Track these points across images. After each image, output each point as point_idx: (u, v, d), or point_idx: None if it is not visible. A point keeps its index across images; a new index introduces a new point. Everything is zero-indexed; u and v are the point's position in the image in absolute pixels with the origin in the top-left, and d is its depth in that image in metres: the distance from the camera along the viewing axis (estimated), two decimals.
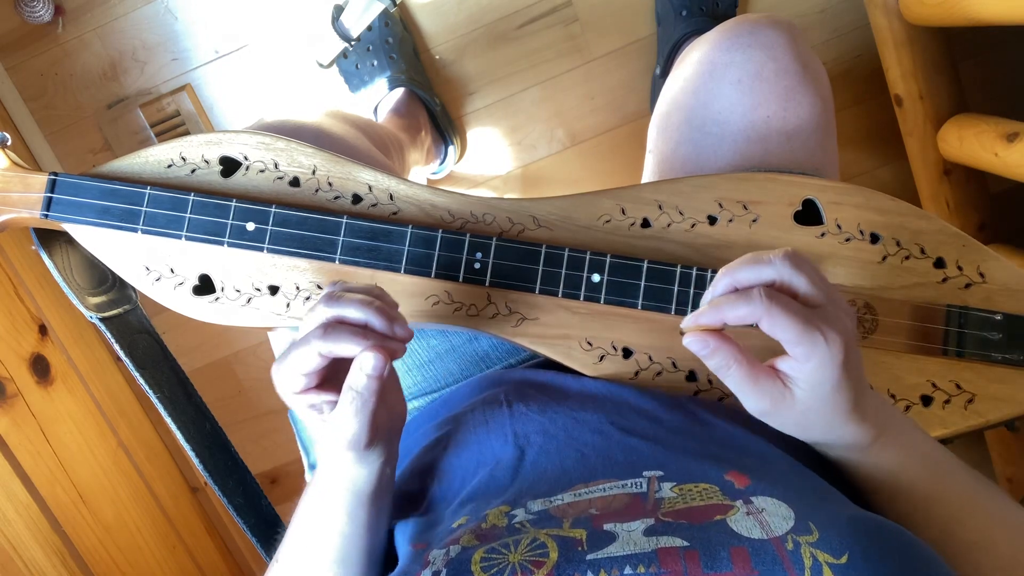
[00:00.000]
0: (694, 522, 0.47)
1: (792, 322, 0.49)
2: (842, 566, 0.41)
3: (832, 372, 0.50)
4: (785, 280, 0.51)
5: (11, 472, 1.10)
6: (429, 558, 0.49)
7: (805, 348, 0.49)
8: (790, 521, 0.45)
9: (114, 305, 0.77)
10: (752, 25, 0.76)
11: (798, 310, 0.49)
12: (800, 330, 0.49)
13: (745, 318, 0.50)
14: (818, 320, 0.49)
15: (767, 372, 0.52)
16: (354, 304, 0.55)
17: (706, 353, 0.52)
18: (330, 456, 0.59)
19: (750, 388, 0.52)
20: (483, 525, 0.52)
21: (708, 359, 0.52)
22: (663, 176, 0.83)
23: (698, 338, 0.52)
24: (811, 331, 0.49)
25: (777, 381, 0.52)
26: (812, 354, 0.49)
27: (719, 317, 0.51)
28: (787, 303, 0.49)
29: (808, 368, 0.50)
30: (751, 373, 0.52)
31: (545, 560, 0.46)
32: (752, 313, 0.49)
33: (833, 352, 0.49)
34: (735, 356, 0.51)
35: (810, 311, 0.50)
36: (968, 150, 1.13)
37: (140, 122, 1.42)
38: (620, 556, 0.45)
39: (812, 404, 0.52)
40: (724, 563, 0.43)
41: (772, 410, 0.53)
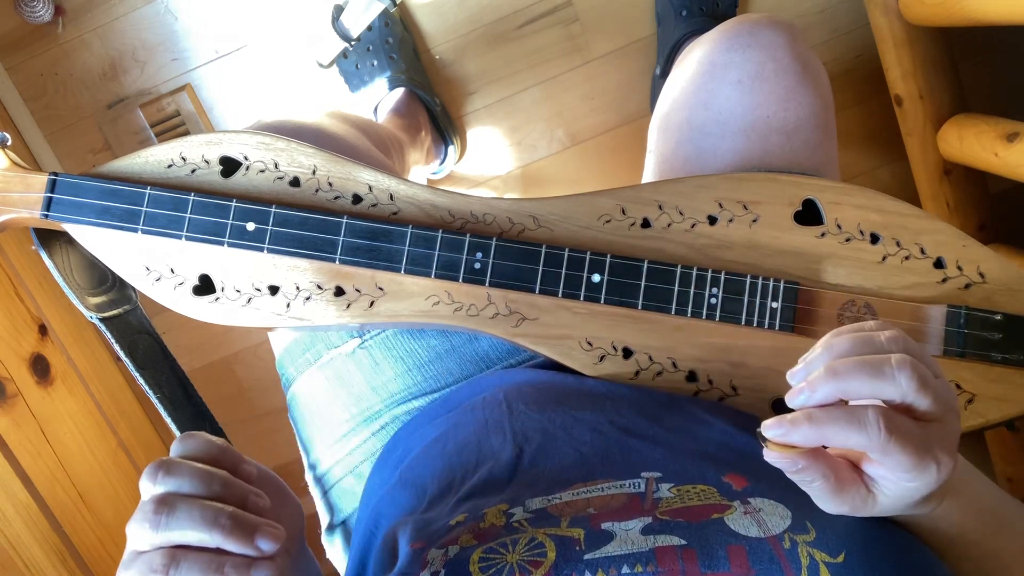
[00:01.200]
0: (691, 521, 0.47)
1: (910, 451, 0.41)
2: (839, 565, 0.41)
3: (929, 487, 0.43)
4: (908, 401, 0.42)
5: (11, 472, 1.10)
6: (428, 558, 0.49)
7: (914, 475, 0.42)
8: (787, 520, 0.45)
9: (114, 305, 0.77)
10: (752, 25, 0.76)
11: (916, 438, 0.42)
12: (915, 459, 0.41)
13: (853, 445, 0.42)
14: (934, 444, 0.42)
15: (852, 480, 0.45)
16: (193, 519, 0.43)
17: (792, 471, 0.44)
18: None
19: (832, 497, 0.44)
20: (481, 524, 0.52)
21: (790, 474, 0.44)
22: (663, 176, 0.83)
23: (785, 458, 0.43)
24: (926, 460, 0.42)
25: (862, 487, 0.45)
26: (919, 478, 0.42)
27: (818, 437, 0.42)
28: (907, 433, 0.41)
29: (909, 487, 0.43)
30: (836, 483, 0.44)
31: (543, 560, 0.46)
32: (867, 444, 0.41)
33: (941, 477, 0.43)
34: (824, 472, 0.43)
35: (927, 434, 0.42)
36: (968, 150, 1.13)
37: (140, 122, 1.42)
38: (618, 555, 0.45)
39: (893, 506, 0.45)
40: (721, 562, 0.43)
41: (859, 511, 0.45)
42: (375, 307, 0.71)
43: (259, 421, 1.58)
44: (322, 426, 0.82)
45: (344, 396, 0.80)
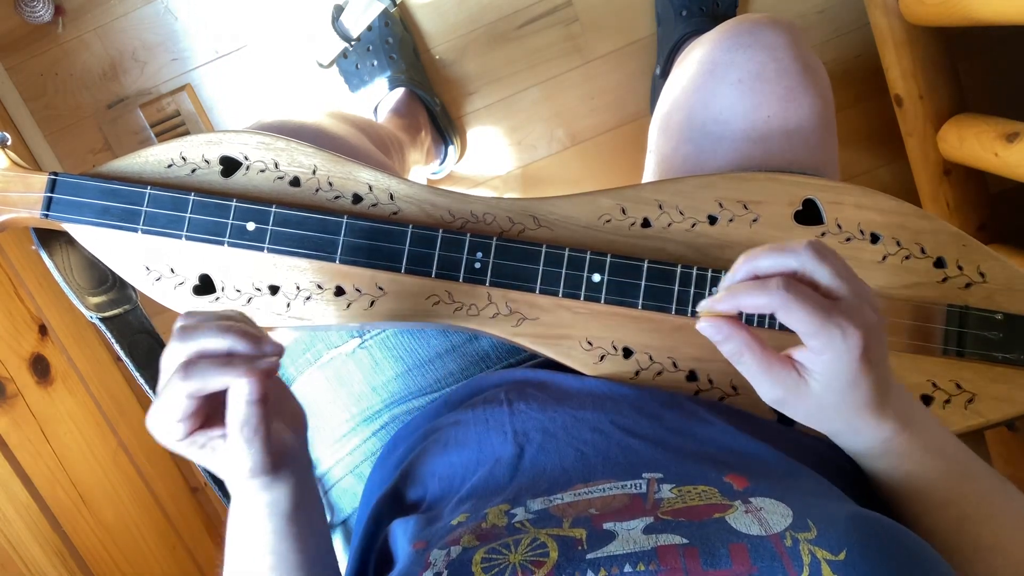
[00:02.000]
0: (693, 520, 0.47)
1: (809, 314, 0.48)
2: (840, 563, 0.41)
3: (849, 366, 0.50)
4: (808, 271, 0.50)
5: (11, 472, 1.10)
6: (430, 559, 0.49)
7: (821, 341, 0.49)
8: (788, 519, 0.45)
9: (114, 305, 0.77)
10: (753, 25, 0.76)
11: (817, 302, 0.49)
12: (817, 323, 0.48)
13: (762, 307, 0.49)
14: (837, 313, 0.49)
15: (782, 361, 0.52)
16: (210, 332, 0.51)
17: (720, 339, 0.51)
18: (238, 489, 0.56)
19: (764, 376, 0.52)
20: (483, 524, 0.52)
21: (721, 345, 0.52)
22: (664, 176, 0.83)
23: (712, 323, 0.52)
24: (828, 324, 0.48)
25: (792, 371, 0.52)
26: (828, 347, 0.49)
27: (735, 303, 0.50)
28: (806, 294, 0.49)
29: (823, 360, 0.50)
30: (765, 361, 0.51)
31: (545, 560, 0.46)
32: (769, 303, 0.49)
33: (850, 346, 0.49)
34: (748, 343, 0.51)
35: (830, 303, 0.49)
36: (968, 150, 1.13)
37: (140, 122, 1.42)
38: (620, 554, 0.45)
39: (827, 397, 0.51)
40: (723, 560, 0.43)
41: (786, 399, 0.52)
42: (375, 307, 0.71)
43: None
44: (322, 426, 0.82)
45: (344, 396, 0.80)
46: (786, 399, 0.53)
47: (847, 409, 0.52)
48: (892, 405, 0.54)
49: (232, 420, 0.51)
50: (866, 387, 0.51)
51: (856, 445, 0.56)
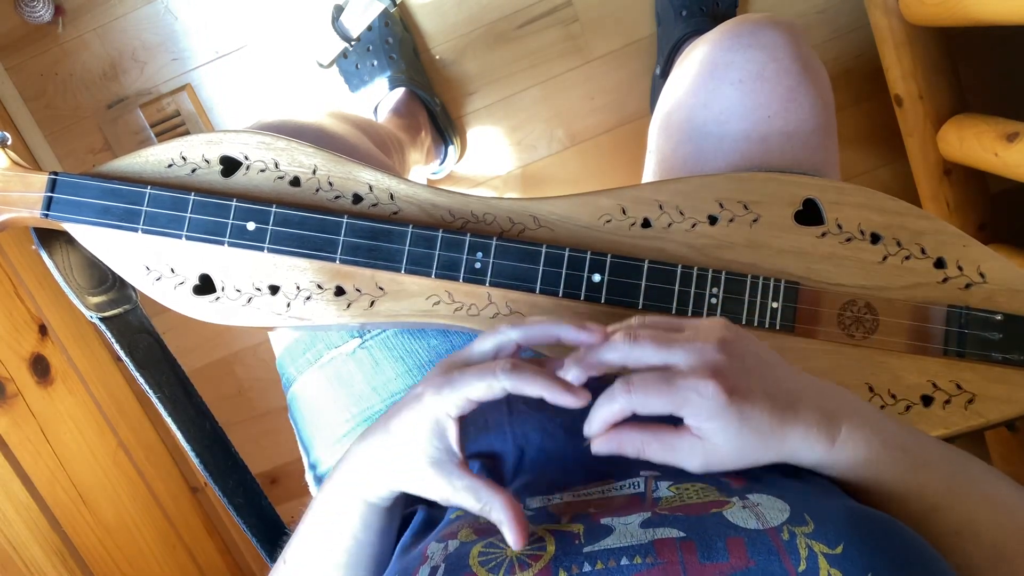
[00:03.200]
0: (691, 514, 0.47)
1: (660, 396, 0.49)
2: (838, 556, 0.42)
3: (725, 412, 0.49)
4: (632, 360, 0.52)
5: (11, 472, 1.10)
6: (427, 552, 0.49)
7: (687, 410, 0.49)
8: (786, 513, 0.45)
9: (114, 305, 0.77)
10: (753, 25, 0.76)
11: (658, 380, 0.49)
12: (671, 398, 0.49)
13: (618, 413, 0.50)
14: (680, 378, 0.49)
15: (679, 434, 0.51)
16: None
17: (615, 448, 0.52)
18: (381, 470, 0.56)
19: (673, 456, 0.51)
20: (481, 519, 0.52)
21: (625, 452, 0.52)
22: (664, 176, 0.83)
23: (604, 440, 0.52)
24: (679, 393, 0.49)
25: (690, 436, 0.51)
26: (697, 411, 0.49)
27: (601, 423, 0.51)
28: (645, 382, 0.50)
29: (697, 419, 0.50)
30: (667, 442, 0.51)
31: (542, 553, 0.46)
32: (623, 408, 0.50)
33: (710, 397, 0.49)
34: (642, 437, 0.51)
35: (670, 373, 0.50)
36: (968, 150, 1.13)
37: (140, 122, 1.42)
38: (617, 548, 0.45)
39: (735, 442, 0.50)
40: (720, 553, 0.43)
41: (707, 461, 0.51)
42: (375, 307, 0.71)
43: (259, 421, 1.58)
44: (322, 426, 0.82)
45: (344, 396, 0.80)
46: (707, 461, 0.51)
47: (760, 440, 0.51)
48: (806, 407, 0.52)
49: None
50: (757, 413, 0.50)
51: (806, 460, 0.54)
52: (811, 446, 0.52)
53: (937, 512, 0.52)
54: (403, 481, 0.54)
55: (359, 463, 0.58)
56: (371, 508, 0.57)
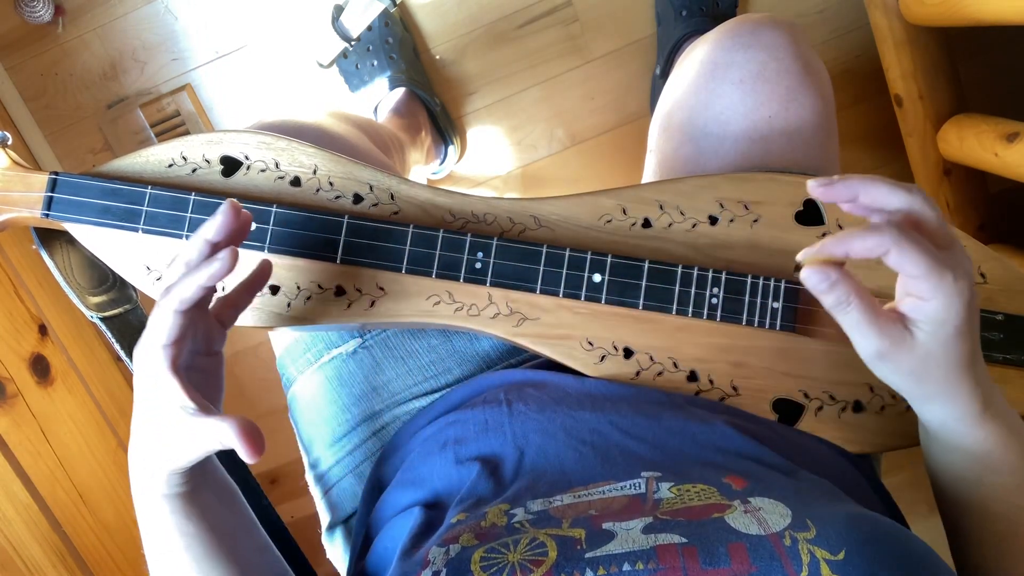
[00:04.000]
0: (692, 519, 0.47)
1: (922, 255, 0.46)
2: (839, 562, 0.42)
3: (957, 313, 0.48)
4: (917, 212, 0.49)
5: (11, 472, 1.10)
6: (429, 557, 0.49)
7: (932, 283, 0.47)
8: (787, 518, 0.45)
9: (115, 305, 0.77)
10: (754, 25, 0.75)
11: (927, 244, 0.47)
12: (929, 264, 0.47)
13: (873, 250, 0.47)
14: (945, 257, 0.48)
15: (889, 314, 0.50)
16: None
17: (826, 286, 0.49)
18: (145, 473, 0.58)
19: (869, 326, 0.49)
20: (482, 523, 0.52)
21: (826, 294, 0.49)
22: (664, 176, 0.83)
23: (817, 270, 0.48)
24: (940, 267, 0.47)
25: (898, 322, 0.50)
26: (938, 290, 0.48)
27: (844, 247, 0.48)
28: (917, 237, 0.47)
29: (932, 306, 0.48)
30: (872, 310, 0.49)
31: (544, 559, 0.46)
32: (881, 244, 0.47)
33: (960, 289, 0.48)
34: (856, 290, 0.49)
35: (938, 250, 0.48)
36: (968, 150, 1.13)
37: (140, 122, 1.42)
38: (619, 553, 0.45)
39: (932, 348, 0.50)
40: (722, 559, 0.43)
41: (889, 352, 0.50)
42: (376, 307, 0.71)
43: (259, 421, 1.56)
44: (322, 426, 0.82)
45: (344, 396, 0.80)
46: (889, 352, 0.50)
47: (947, 365, 0.51)
48: (983, 374, 0.53)
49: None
50: (969, 342, 0.50)
51: (939, 417, 0.54)
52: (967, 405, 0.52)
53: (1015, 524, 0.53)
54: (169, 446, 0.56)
55: (135, 464, 0.59)
56: (174, 499, 0.58)
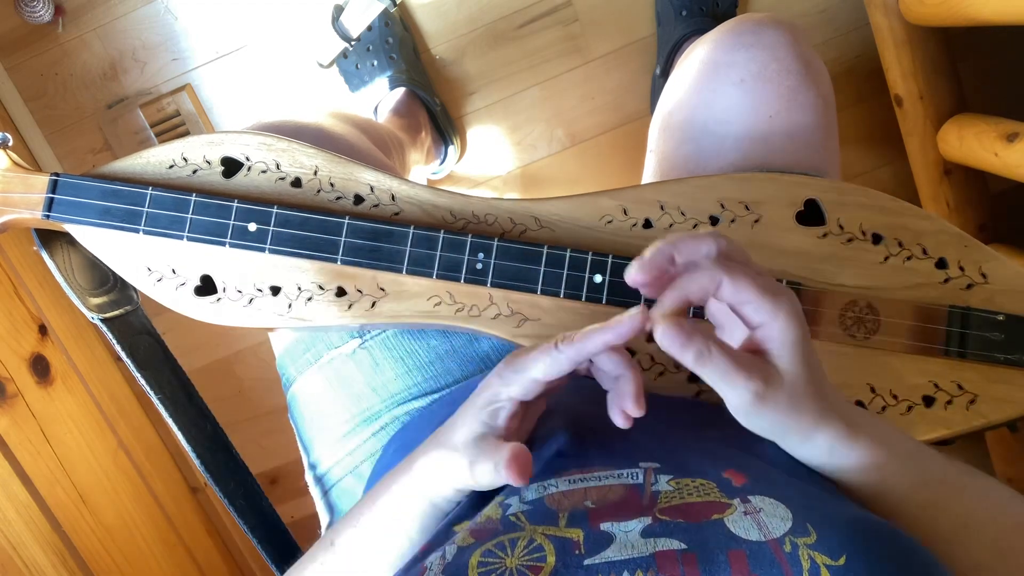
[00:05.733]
0: (691, 521, 0.47)
1: (752, 279, 0.47)
2: (840, 568, 0.41)
3: (800, 329, 0.49)
4: (726, 249, 0.49)
5: (11, 472, 1.10)
6: (425, 564, 0.49)
7: (769, 303, 0.48)
8: (788, 522, 0.45)
9: (115, 306, 0.77)
10: (754, 25, 0.75)
11: (750, 269, 0.48)
12: (761, 285, 0.47)
13: (707, 287, 0.48)
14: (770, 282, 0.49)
15: (749, 358, 0.49)
16: None
17: (683, 341, 0.47)
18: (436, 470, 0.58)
19: (736, 371, 0.48)
20: (479, 520, 0.51)
21: (686, 349, 0.48)
22: (665, 176, 0.83)
23: (672, 326, 0.47)
24: (771, 286, 0.48)
25: (757, 359, 0.49)
26: (778, 308, 0.48)
27: (681, 294, 0.48)
28: (741, 265, 0.48)
29: (779, 327, 0.48)
30: (732, 353, 0.48)
31: (543, 565, 0.46)
32: (712, 278, 0.47)
33: (793, 303, 0.48)
34: (713, 338, 0.48)
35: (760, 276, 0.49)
36: (968, 150, 1.13)
37: (140, 122, 1.42)
38: (618, 560, 0.45)
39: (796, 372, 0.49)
40: (722, 567, 0.43)
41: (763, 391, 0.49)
42: (377, 307, 0.71)
43: (259, 421, 1.58)
44: (322, 426, 0.82)
45: (344, 396, 0.80)
46: (763, 392, 0.49)
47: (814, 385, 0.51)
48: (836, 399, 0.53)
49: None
50: (815, 356, 0.51)
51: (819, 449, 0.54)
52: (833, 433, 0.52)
53: (938, 508, 0.53)
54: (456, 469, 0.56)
55: (426, 462, 0.59)
56: (433, 510, 0.58)
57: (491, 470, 0.53)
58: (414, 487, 0.59)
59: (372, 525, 0.61)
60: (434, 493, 0.58)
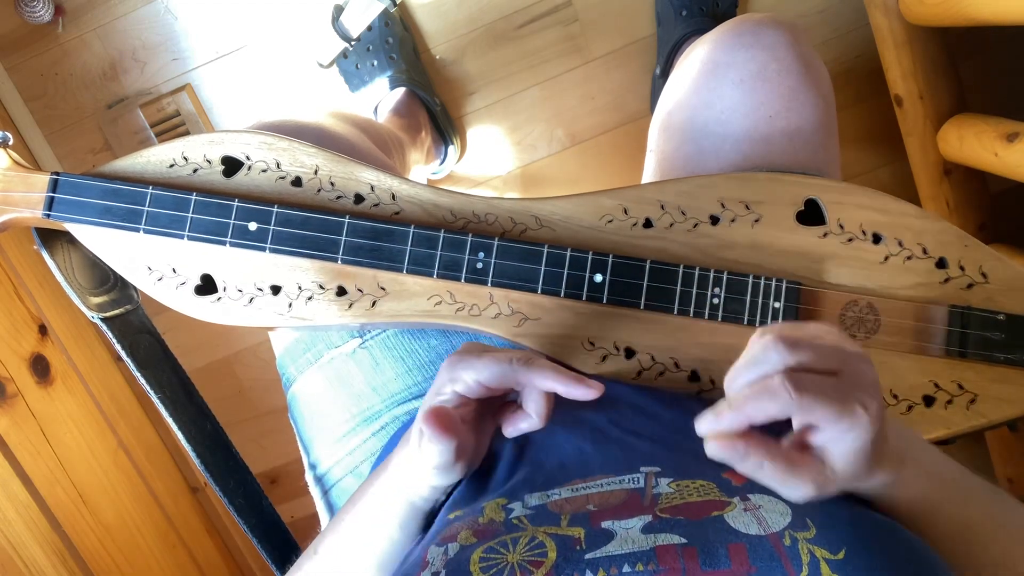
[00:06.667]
0: (691, 518, 0.47)
1: (827, 402, 0.44)
2: (839, 562, 0.41)
3: (868, 436, 0.45)
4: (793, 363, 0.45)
5: (11, 472, 1.10)
6: (427, 558, 0.49)
7: (846, 423, 0.44)
8: (787, 517, 0.45)
9: (116, 305, 0.77)
10: (754, 25, 0.76)
11: (827, 385, 0.44)
12: (836, 409, 0.44)
13: (774, 414, 0.44)
14: (848, 388, 0.45)
15: (802, 457, 0.46)
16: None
17: (737, 459, 0.45)
18: (406, 465, 0.59)
19: (790, 481, 0.46)
20: (480, 519, 0.51)
21: (739, 464, 0.45)
22: (664, 176, 0.83)
23: (724, 445, 0.45)
24: (847, 403, 0.44)
25: (813, 461, 0.46)
26: (854, 426, 0.44)
27: (743, 418, 0.45)
28: (815, 384, 0.44)
29: (849, 439, 0.45)
30: (788, 464, 0.45)
31: (544, 560, 0.46)
32: (782, 408, 0.44)
33: (873, 416, 0.45)
34: (767, 452, 0.45)
35: (835, 381, 0.45)
36: (968, 150, 1.13)
37: (140, 122, 1.41)
38: (619, 555, 0.45)
39: (852, 474, 0.47)
40: (722, 560, 0.43)
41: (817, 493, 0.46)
42: (377, 307, 0.71)
43: (259, 421, 1.58)
44: (322, 426, 0.82)
45: (344, 396, 0.80)
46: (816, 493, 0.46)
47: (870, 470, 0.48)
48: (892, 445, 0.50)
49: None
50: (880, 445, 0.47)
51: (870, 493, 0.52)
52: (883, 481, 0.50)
53: (981, 546, 0.52)
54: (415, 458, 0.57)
55: (399, 461, 0.60)
56: (412, 509, 0.59)
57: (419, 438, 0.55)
58: (391, 487, 0.60)
59: (353, 527, 0.62)
60: (411, 492, 0.59)
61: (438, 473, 0.56)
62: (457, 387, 0.56)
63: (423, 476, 0.57)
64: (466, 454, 0.57)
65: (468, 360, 0.56)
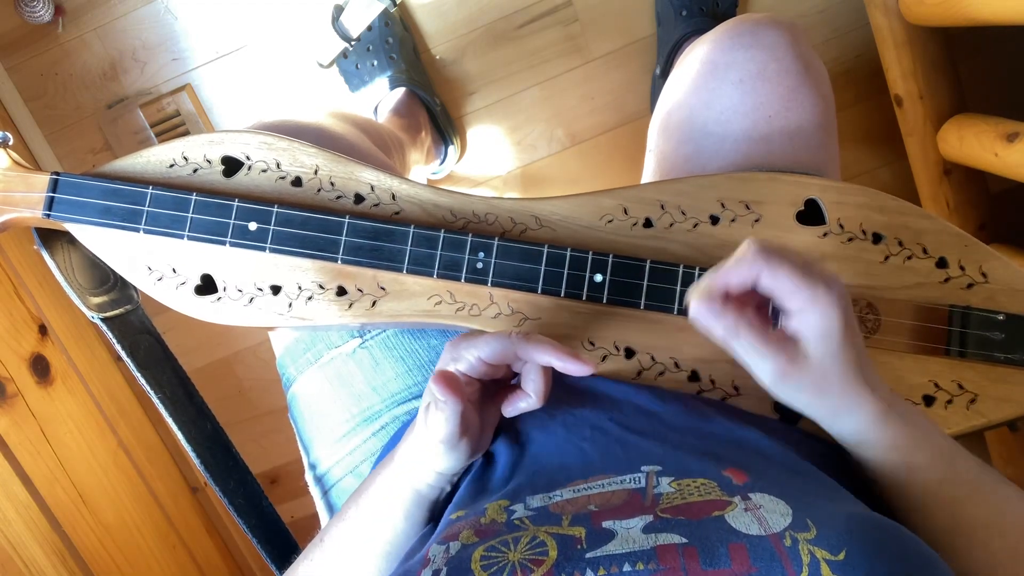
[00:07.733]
0: (692, 518, 0.47)
1: (791, 270, 0.50)
2: (840, 563, 0.41)
3: (839, 320, 0.51)
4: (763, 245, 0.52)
5: (11, 472, 1.10)
6: (429, 555, 0.49)
7: (807, 294, 0.50)
8: (788, 518, 0.45)
9: (116, 305, 0.77)
10: (754, 25, 0.76)
11: (792, 255, 0.51)
12: (800, 277, 0.50)
13: (746, 277, 0.51)
14: (815, 271, 0.51)
15: (776, 333, 0.53)
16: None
17: (714, 317, 0.52)
18: (412, 451, 0.60)
19: (762, 349, 0.52)
20: (482, 520, 0.52)
21: (716, 324, 0.52)
22: (664, 176, 0.83)
23: (703, 302, 0.52)
24: (812, 277, 0.50)
25: (786, 341, 0.52)
26: (815, 299, 0.50)
27: (721, 281, 0.52)
28: (783, 255, 0.51)
29: (814, 317, 0.51)
30: (761, 332, 0.52)
31: (544, 559, 0.46)
32: (751, 269, 0.51)
33: (835, 297, 0.51)
34: (744, 318, 0.52)
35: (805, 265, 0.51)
36: (968, 150, 1.13)
37: (140, 122, 1.42)
38: (619, 554, 0.45)
39: (824, 361, 0.52)
40: (723, 560, 0.43)
41: (787, 369, 0.53)
42: (377, 307, 0.71)
43: (259, 421, 1.58)
44: (322, 426, 0.82)
45: (344, 396, 0.80)
46: (786, 370, 0.53)
47: (842, 373, 0.53)
48: (877, 380, 0.55)
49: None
50: (854, 348, 0.53)
51: (849, 428, 0.57)
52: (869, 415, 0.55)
53: (969, 503, 0.54)
54: (422, 440, 0.58)
55: (405, 449, 0.61)
56: (417, 496, 0.60)
57: (427, 406, 0.57)
58: (397, 475, 0.61)
59: (359, 517, 0.63)
60: (416, 479, 0.60)
61: (444, 450, 0.57)
62: (460, 365, 0.57)
63: (429, 457, 0.58)
64: (470, 432, 0.58)
65: (469, 339, 0.57)
